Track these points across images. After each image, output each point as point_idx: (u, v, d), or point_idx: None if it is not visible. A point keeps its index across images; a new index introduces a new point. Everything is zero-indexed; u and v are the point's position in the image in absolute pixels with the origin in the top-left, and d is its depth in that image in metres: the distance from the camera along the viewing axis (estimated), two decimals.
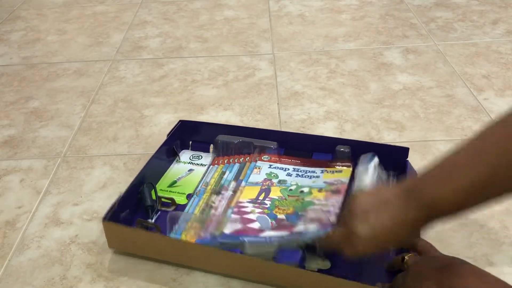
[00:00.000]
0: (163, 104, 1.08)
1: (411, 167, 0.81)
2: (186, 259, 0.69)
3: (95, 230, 0.77)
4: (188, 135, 0.91)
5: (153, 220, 0.74)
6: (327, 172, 0.80)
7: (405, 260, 0.61)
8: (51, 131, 1.01)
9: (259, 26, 1.42)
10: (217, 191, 0.79)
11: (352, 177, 0.76)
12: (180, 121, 0.90)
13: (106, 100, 1.11)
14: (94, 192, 0.85)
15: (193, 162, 0.88)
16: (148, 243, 0.70)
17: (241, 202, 0.76)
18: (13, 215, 0.81)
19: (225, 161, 0.86)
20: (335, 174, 0.79)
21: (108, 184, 0.86)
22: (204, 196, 0.79)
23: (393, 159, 0.80)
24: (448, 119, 0.99)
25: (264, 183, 0.79)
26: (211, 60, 1.25)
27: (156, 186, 0.81)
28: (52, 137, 0.99)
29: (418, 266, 0.59)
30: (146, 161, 0.81)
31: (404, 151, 0.81)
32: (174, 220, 0.72)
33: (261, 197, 0.76)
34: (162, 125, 1.01)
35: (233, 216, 0.73)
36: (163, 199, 0.78)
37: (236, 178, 0.82)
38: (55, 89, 1.16)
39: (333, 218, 0.66)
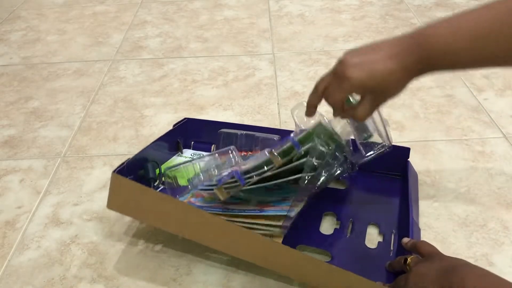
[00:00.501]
0: (163, 104, 1.08)
1: (412, 168, 0.81)
2: (191, 231, 0.64)
3: (95, 230, 0.77)
4: (191, 135, 0.91)
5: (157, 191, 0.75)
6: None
7: (407, 261, 0.61)
8: (51, 131, 1.01)
9: (259, 26, 1.42)
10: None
11: None
12: (185, 118, 0.90)
13: (106, 100, 1.11)
14: (94, 192, 0.85)
15: (194, 158, 0.88)
16: (153, 205, 0.64)
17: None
18: (13, 215, 0.81)
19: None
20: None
21: (108, 184, 0.86)
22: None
23: (394, 159, 0.81)
24: (448, 119, 0.99)
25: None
26: (211, 60, 1.25)
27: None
28: (52, 137, 0.99)
29: (420, 268, 0.59)
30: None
31: (405, 151, 0.81)
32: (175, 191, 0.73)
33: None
34: (162, 125, 1.01)
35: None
36: (166, 178, 0.77)
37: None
38: (55, 89, 1.16)
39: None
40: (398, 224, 0.73)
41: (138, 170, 0.78)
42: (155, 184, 0.78)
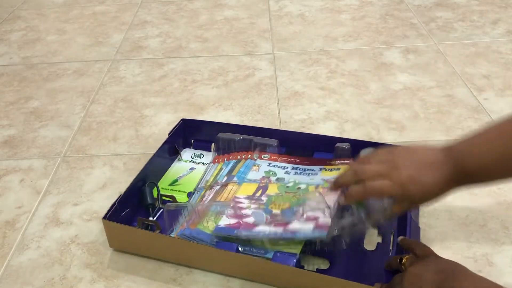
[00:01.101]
0: (163, 104, 1.08)
1: None
2: (185, 258, 0.69)
3: (95, 230, 0.77)
4: (190, 134, 0.91)
5: (154, 218, 0.75)
6: (326, 170, 0.80)
7: (403, 261, 0.61)
8: (51, 131, 1.01)
9: (259, 26, 1.42)
10: (210, 186, 0.80)
11: None
12: (182, 119, 0.90)
13: (106, 100, 1.11)
14: (94, 192, 0.85)
15: (194, 160, 0.88)
16: (148, 242, 0.70)
17: (238, 198, 0.76)
18: (13, 215, 0.81)
19: (225, 159, 0.86)
20: (333, 171, 0.79)
21: (108, 184, 0.86)
22: (202, 193, 0.79)
23: None
24: (448, 119, 0.99)
25: (262, 181, 0.79)
26: (211, 60, 1.25)
27: (158, 184, 0.81)
28: (52, 137, 0.99)
29: (416, 268, 0.59)
30: (146, 161, 0.80)
31: None
32: (173, 217, 0.72)
33: (258, 194, 0.76)
34: (162, 125, 1.01)
35: (227, 210, 0.73)
36: (164, 197, 0.78)
37: (229, 173, 0.82)
38: (55, 89, 1.16)
39: (327, 219, 0.66)
40: (398, 225, 0.73)
41: (138, 194, 0.77)
42: (156, 207, 0.77)
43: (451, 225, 0.75)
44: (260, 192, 0.77)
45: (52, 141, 0.98)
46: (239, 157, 0.85)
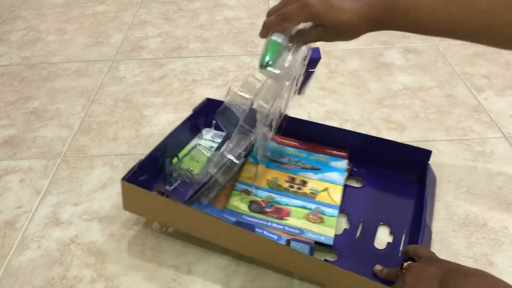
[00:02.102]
0: (163, 104, 1.08)
1: (432, 171, 0.80)
2: (197, 230, 0.69)
3: (95, 230, 0.77)
4: (213, 115, 0.91)
5: (171, 188, 0.75)
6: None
7: (403, 266, 0.61)
8: (51, 131, 1.01)
9: (259, 26, 1.41)
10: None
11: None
12: (207, 98, 0.91)
13: (106, 100, 1.11)
14: (94, 192, 0.85)
15: (214, 140, 0.89)
16: (162, 208, 0.70)
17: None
18: (13, 215, 0.81)
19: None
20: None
21: (108, 184, 0.86)
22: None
23: (413, 161, 0.80)
24: (448, 119, 0.99)
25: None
26: (211, 60, 1.25)
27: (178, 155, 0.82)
28: (52, 137, 0.99)
29: (419, 266, 0.59)
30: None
31: (426, 153, 0.80)
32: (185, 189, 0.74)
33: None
34: (162, 125, 1.01)
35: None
36: (180, 172, 0.79)
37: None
38: (55, 89, 1.16)
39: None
40: (411, 226, 0.73)
41: (157, 163, 0.79)
42: (173, 177, 0.78)
43: (451, 225, 0.75)
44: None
45: (52, 141, 0.98)
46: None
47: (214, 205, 0.75)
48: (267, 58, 0.65)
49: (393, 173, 0.83)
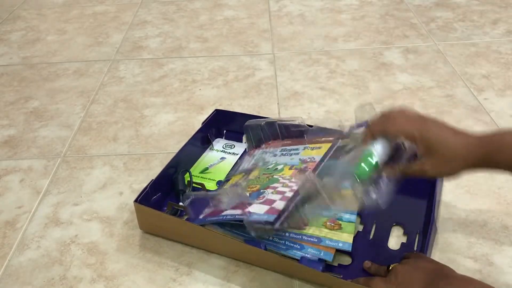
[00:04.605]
0: (163, 104, 1.08)
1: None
2: (213, 247, 0.71)
3: (95, 230, 0.77)
4: (223, 124, 0.93)
5: (186, 204, 0.75)
6: (308, 148, 0.79)
7: (390, 267, 0.61)
8: (51, 131, 1.01)
9: (259, 26, 1.42)
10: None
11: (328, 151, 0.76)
12: (215, 110, 0.92)
13: (106, 100, 1.11)
14: (94, 192, 0.85)
15: (225, 150, 0.90)
16: (175, 228, 0.71)
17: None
18: (13, 215, 0.81)
19: (258, 150, 0.87)
20: (314, 150, 0.78)
21: (108, 184, 0.86)
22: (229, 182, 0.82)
23: None
24: (448, 119, 0.99)
25: (250, 168, 0.81)
26: (211, 60, 1.25)
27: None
28: (52, 137, 0.99)
29: (405, 267, 0.60)
30: (146, 161, 0.81)
31: None
32: (201, 204, 0.74)
33: (241, 180, 0.78)
34: (162, 125, 1.01)
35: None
36: (194, 185, 0.81)
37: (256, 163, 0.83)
38: (55, 89, 1.16)
39: (282, 204, 0.65)
40: (424, 226, 0.73)
41: (169, 180, 0.80)
42: (186, 192, 0.79)
43: (451, 225, 0.75)
44: (242, 176, 0.79)
45: (52, 141, 0.98)
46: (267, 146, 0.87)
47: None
48: (364, 173, 0.59)
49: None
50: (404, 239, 0.72)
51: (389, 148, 0.61)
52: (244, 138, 0.91)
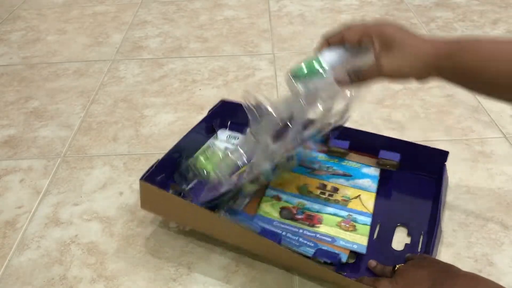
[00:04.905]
0: (163, 104, 1.08)
1: (446, 172, 0.80)
2: (213, 231, 0.70)
3: (95, 230, 0.77)
4: (228, 115, 0.92)
5: (187, 187, 0.75)
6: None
7: (396, 267, 0.61)
8: (51, 131, 1.01)
9: (259, 26, 1.42)
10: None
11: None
12: (221, 100, 0.91)
13: (106, 100, 1.11)
14: (94, 192, 0.85)
15: (229, 141, 0.89)
16: (178, 209, 0.70)
17: None
18: (13, 215, 0.81)
19: None
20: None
21: (108, 184, 0.86)
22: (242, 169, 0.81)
23: (430, 161, 0.79)
24: (448, 119, 0.99)
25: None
26: (211, 60, 1.25)
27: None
28: (52, 137, 0.99)
29: (410, 267, 0.60)
30: (146, 161, 0.81)
31: (443, 154, 0.79)
32: (201, 189, 0.74)
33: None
34: (162, 125, 1.01)
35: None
36: (196, 169, 0.79)
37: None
38: (55, 89, 1.16)
39: None
40: (428, 227, 0.73)
41: (174, 163, 0.79)
42: (189, 176, 0.78)
43: (451, 225, 0.75)
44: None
45: (52, 141, 0.98)
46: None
47: (245, 211, 0.75)
48: (300, 71, 0.61)
49: (410, 174, 0.82)
50: (408, 240, 0.72)
51: (345, 56, 0.60)
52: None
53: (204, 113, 1.03)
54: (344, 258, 0.67)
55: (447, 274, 0.57)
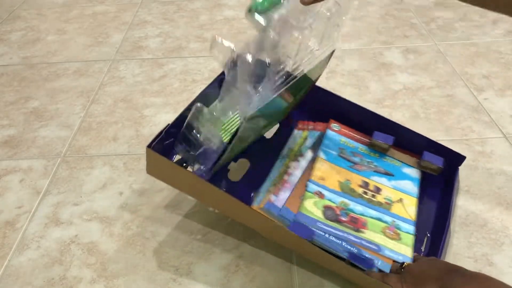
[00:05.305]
0: (163, 104, 1.08)
1: (458, 176, 0.80)
2: (218, 207, 0.70)
3: (95, 230, 0.77)
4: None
5: (196, 153, 0.73)
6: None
7: (403, 264, 0.61)
8: (51, 131, 1.01)
9: None
10: (296, 158, 0.80)
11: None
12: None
13: (106, 100, 1.11)
14: (94, 192, 0.85)
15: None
16: (183, 180, 0.68)
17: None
18: (13, 215, 0.81)
19: (309, 127, 0.86)
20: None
21: (108, 184, 0.86)
22: (286, 162, 0.80)
23: (444, 161, 0.79)
24: (448, 119, 0.99)
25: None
26: (211, 60, 1.25)
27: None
28: (52, 137, 0.99)
29: (420, 265, 0.60)
30: (146, 161, 0.80)
31: (458, 158, 0.79)
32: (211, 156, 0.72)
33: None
34: (162, 125, 1.01)
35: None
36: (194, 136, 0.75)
37: (314, 146, 0.83)
38: (55, 89, 1.16)
39: None
40: (433, 228, 0.72)
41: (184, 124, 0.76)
42: (198, 140, 0.74)
43: (451, 225, 0.75)
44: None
45: (52, 141, 0.98)
46: (319, 128, 0.86)
47: (289, 207, 0.72)
48: (260, 4, 0.60)
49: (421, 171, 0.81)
50: None
51: None
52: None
53: None
54: (387, 269, 0.64)
55: (456, 273, 0.56)
